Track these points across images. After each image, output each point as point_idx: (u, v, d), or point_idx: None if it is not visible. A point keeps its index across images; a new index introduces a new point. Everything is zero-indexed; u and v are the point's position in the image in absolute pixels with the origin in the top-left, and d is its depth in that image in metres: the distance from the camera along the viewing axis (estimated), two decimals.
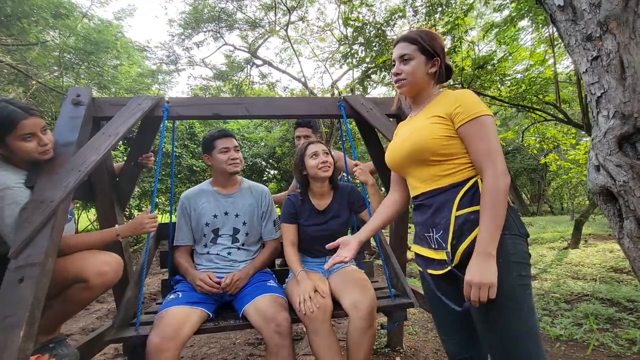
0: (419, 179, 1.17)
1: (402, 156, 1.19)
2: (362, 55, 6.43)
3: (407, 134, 1.19)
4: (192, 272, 1.76)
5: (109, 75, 8.26)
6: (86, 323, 3.21)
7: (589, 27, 1.60)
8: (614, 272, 3.93)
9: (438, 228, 1.10)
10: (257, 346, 2.52)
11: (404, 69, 1.20)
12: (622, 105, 1.49)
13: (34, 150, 1.40)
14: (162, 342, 1.38)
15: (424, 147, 1.10)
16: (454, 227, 1.05)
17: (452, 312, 1.15)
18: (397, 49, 1.22)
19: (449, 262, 1.06)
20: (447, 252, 1.07)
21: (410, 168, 1.19)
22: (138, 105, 1.73)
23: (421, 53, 1.19)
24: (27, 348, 1.15)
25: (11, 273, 1.22)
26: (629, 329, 2.39)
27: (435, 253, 1.13)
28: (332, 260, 1.24)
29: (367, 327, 1.51)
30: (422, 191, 1.16)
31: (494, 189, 0.99)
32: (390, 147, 1.29)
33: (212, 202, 1.89)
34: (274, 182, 8.65)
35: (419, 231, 1.21)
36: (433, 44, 1.20)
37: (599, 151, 1.59)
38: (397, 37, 1.26)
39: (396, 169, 1.29)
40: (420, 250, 1.21)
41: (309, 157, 1.76)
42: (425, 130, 1.11)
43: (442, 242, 1.09)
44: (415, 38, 1.19)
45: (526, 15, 5.33)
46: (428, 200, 1.14)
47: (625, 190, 1.50)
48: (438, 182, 1.11)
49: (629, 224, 1.53)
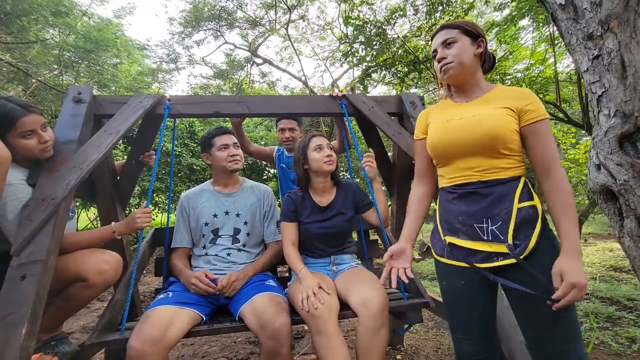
0: (474, 168, 1.11)
1: (471, 140, 1.10)
2: (362, 54, 6.42)
3: (477, 118, 1.10)
4: (187, 271, 1.65)
5: (109, 73, 8.24)
6: (87, 321, 3.22)
7: (590, 26, 1.60)
8: (614, 271, 3.94)
9: (496, 219, 1.07)
10: (257, 344, 2.52)
11: (449, 52, 1.15)
12: (623, 104, 1.50)
13: (34, 147, 1.40)
14: (144, 346, 1.24)
15: (499, 137, 1.06)
16: (516, 220, 1.05)
17: (478, 310, 1.12)
18: (437, 38, 1.19)
19: (515, 255, 1.03)
20: (508, 245, 1.04)
21: (470, 155, 1.11)
22: (139, 103, 1.73)
23: (465, 35, 1.16)
24: (29, 345, 1.15)
25: (13, 270, 1.23)
26: (629, 327, 2.40)
27: (487, 245, 1.08)
28: (394, 276, 1.19)
29: (379, 327, 1.36)
30: (477, 180, 1.10)
31: (568, 190, 1.04)
32: (444, 128, 1.17)
33: (212, 201, 1.83)
34: (274, 180, 8.65)
35: (462, 221, 1.12)
36: (475, 27, 1.19)
37: (600, 150, 1.59)
38: (436, 29, 1.22)
39: (449, 153, 1.16)
40: (461, 242, 1.12)
41: (313, 150, 1.66)
42: (500, 119, 1.08)
43: (499, 234, 1.06)
44: (455, 23, 1.18)
45: (527, 14, 5.33)
46: (485, 190, 1.09)
47: (626, 189, 1.50)
48: (499, 174, 1.09)
49: (629, 222, 1.53)
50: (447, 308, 1.21)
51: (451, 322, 1.20)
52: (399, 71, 6.13)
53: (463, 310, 1.15)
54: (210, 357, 2.37)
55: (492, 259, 1.07)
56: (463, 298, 1.14)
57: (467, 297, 1.13)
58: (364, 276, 1.60)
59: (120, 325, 1.50)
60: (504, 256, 1.06)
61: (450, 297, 1.19)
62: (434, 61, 1.23)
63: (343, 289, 1.57)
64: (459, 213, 1.14)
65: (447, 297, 1.20)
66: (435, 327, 2.73)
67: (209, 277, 1.58)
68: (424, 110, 1.34)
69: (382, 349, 1.37)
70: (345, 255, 1.79)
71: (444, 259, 1.18)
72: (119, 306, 1.58)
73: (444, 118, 1.20)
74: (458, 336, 1.18)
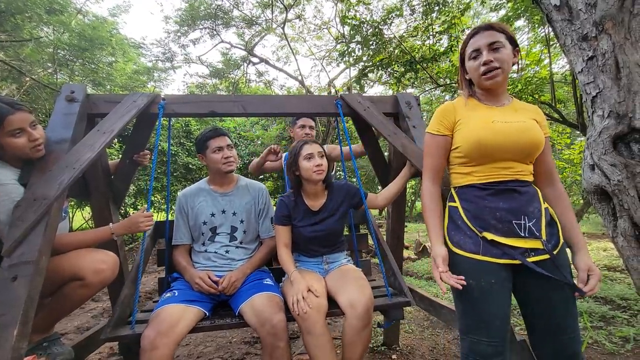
0: (511, 169, 1.17)
1: (518, 144, 1.15)
2: (359, 54, 6.42)
3: (523, 126, 1.17)
4: (191, 270, 1.75)
5: (104, 72, 8.19)
6: (81, 322, 3.19)
7: (585, 27, 1.61)
8: (608, 270, 3.97)
9: (531, 216, 1.13)
10: (253, 345, 2.51)
11: (497, 57, 1.15)
12: (617, 105, 1.51)
13: (24, 146, 1.38)
14: (157, 338, 1.35)
15: (539, 146, 1.18)
16: (545, 218, 1.16)
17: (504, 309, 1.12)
18: (482, 37, 1.18)
19: (548, 250, 1.11)
20: (543, 241, 1.12)
21: (511, 157, 1.17)
22: (133, 102, 1.72)
23: (509, 42, 1.18)
24: (20, 347, 1.14)
25: (4, 271, 1.21)
26: (622, 326, 2.42)
27: (523, 241, 1.12)
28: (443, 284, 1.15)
29: (363, 326, 1.50)
30: (516, 178, 1.17)
31: (567, 195, 1.27)
32: (491, 128, 1.16)
33: (209, 200, 1.88)
34: (270, 180, 8.63)
35: (500, 217, 1.14)
36: (514, 35, 1.21)
37: (594, 150, 1.60)
38: (477, 27, 1.22)
39: (493, 152, 1.16)
40: (498, 238, 1.12)
41: (304, 159, 1.69)
42: (538, 131, 1.19)
43: (535, 230, 1.12)
44: (501, 27, 1.18)
45: (522, 15, 5.36)
46: (522, 188, 1.17)
47: (620, 189, 1.51)
48: (528, 177, 1.20)
49: (623, 222, 1.54)
50: (468, 307, 1.15)
51: (470, 323, 1.15)
52: (395, 71, 6.14)
53: (490, 309, 1.11)
54: (205, 357, 2.36)
55: (526, 255, 1.12)
56: (492, 297, 1.11)
57: (496, 296, 1.11)
58: (353, 277, 1.68)
59: (131, 319, 1.57)
60: (535, 252, 1.12)
61: (476, 295, 1.13)
62: (469, 60, 1.22)
63: (333, 287, 1.67)
64: (497, 209, 1.15)
65: (472, 296, 1.13)
66: (430, 326, 2.74)
67: (211, 278, 1.68)
68: (446, 106, 1.29)
69: (365, 344, 1.54)
70: (336, 254, 1.87)
71: (477, 256, 1.14)
72: (128, 301, 1.65)
73: (487, 118, 1.19)
74: (475, 337, 1.12)
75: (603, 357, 2.05)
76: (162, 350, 1.34)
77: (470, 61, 1.22)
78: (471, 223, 1.18)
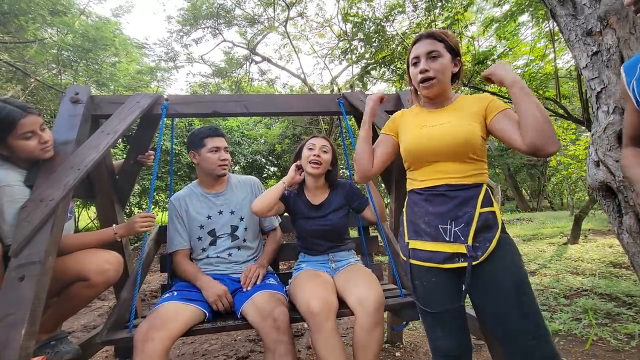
0: (444, 172, 1.16)
1: (443, 146, 1.15)
2: (361, 51, 6.40)
3: (445, 127, 1.16)
4: (203, 278, 1.65)
5: (108, 72, 8.22)
6: (88, 320, 3.23)
7: (589, 22, 1.59)
8: (613, 267, 3.94)
9: (459, 221, 1.12)
10: (257, 343, 2.53)
11: (433, 66, 1.17)
12: (621, 100, 1.49)
13: (35, 148, 1.40)
14: (150, 330, 1.31)
15: (468, 143, 1.13)
16: (477, 223, 1.10)
17: (453, 302, 1.14)
18: (422, 45, 1.19)
19: (472, 255, 1.08)
20: (467, 246, 1.09)
21: (442, 159, 1.17)
22: (137, 103, 1.73)
23: (448, 51, 1.19)
24: (28, 346, 1.16)
25: (12, 271, 1.23)
26: (627, 323, 2.40)
27: (448, 246, 1.12)
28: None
29: (374, 324, 1.40)
30: (446, 183, 1.15)
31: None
32: (419, 134, 1.21)
33: (202, 203, 1.82)
34: (273, 179, 8.65)
35: (428, 222, 1.16)
36: (457, 45, 1.22)
37: (599, 146, 1.59)
38: (420, 34, 1.23)
39: (422, 158, 1.20)
40: (423, 245, 1.17)
41: (306, 148, 1.74)
42: (468, 127, 1.14)
43: (461, 235, 1.11)
44: (441, 35, 1.19)
45: (526, 10, 5.31)
46: (452, 193, 1.14)
47: (625, 185, 1.50)
48: (465, 179, 1.15)
49: (628, 219, 1.53)
50: (422, 306, 1.19)
51: (427, 320, 1.20)
52: (398, 68, 6.12)
53: (439, 305, 1.15)
54: (210, 355, 2.38)
55: (454, 260, 1.11)
56: (437, 293, 1.16)
57: (441, 291, 1.15)
58: (361, 274, 1.62)
59: (128, 323, 1.54)
60: (464, 258, 1.10)
61: (423, 295, 1.18)
62: (411, 66, 1.25)
63: (341, 287, 1.60)
64: (426, 214, 1.18)
65: (421, 295, 1.19)
66: None
67: (228, 299, 1.61)
68: (398, 112, 1.40)
69: (378, 346, 1.41)
70: (343, 252, 1.82)
71: (410, 260, 1.21)
72: (126, 304, 1.62)
73: (418, 124, 1.26)
74: (437, 334, 1.18)
75: (608, 354, 2.04)
76: (155, 344, 1.28)
77: (411, 67, 1.24)
78: (407, 229, 1.24)
